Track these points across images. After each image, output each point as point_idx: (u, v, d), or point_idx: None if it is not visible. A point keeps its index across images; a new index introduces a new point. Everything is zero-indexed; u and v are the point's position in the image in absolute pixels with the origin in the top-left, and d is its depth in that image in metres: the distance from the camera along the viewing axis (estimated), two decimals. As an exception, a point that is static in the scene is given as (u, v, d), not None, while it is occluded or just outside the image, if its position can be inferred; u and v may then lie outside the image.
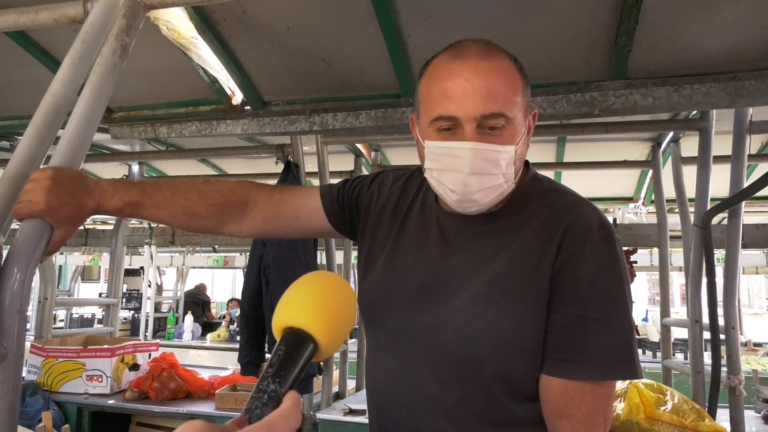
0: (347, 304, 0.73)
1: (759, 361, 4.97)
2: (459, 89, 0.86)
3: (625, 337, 0.88)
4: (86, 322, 7.97)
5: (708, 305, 2.31)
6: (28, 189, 0.94)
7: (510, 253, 0.92)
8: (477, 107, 0.85)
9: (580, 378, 0.87)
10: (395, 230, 1.05)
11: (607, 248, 0.90)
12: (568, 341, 0.88)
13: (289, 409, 0.54)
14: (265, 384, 0.58)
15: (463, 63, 0.87)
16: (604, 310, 0.88)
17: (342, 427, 2.57)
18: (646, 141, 3.08)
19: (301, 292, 0.70)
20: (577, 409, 0.87)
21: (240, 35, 1.72)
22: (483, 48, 0.89)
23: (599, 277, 0.89)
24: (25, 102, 2.25)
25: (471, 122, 0.86)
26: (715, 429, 2.08)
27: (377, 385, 1.05)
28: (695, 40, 1.58)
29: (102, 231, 4.74)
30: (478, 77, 0.86)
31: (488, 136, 0.87)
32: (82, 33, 1.19)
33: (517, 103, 0.89)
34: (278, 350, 0.63)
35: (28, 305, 0.95)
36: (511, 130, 0.88)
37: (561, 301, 0.89)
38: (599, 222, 0.92)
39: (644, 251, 5.60)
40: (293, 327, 0.66)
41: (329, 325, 0.67)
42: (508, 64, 0.90)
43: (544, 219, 0.93)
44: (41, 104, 1.11)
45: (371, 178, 1.16)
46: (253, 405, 0.56)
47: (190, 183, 1.11)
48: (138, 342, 3.16)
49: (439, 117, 0.88)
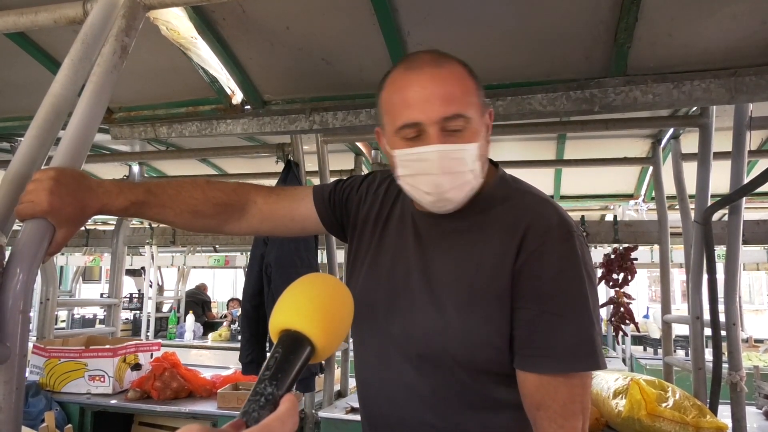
0: (344, 306, 0.74)
1: (760, 357, 4.98)
2: (418, 96, 0.92)
3: (587, 331, 0.92)
4: (88, 322, 7.99)
5: (709, 302, 2.31)
6: (30, 190, 0.94)
7: (475, 252, 0.98)
8: (437, 111, 0.91)
9: (548, 372, 0.91)
10: (378, 232, 1.11)
11: (567, 245, 0.94)
12: (534, 337, 0.92)
13: (286, 413, 0.54)
14: (262, 387, 0.58)
15: (419, 73, 0.93)
16: (565, 306, 0.92)
17: (343, 425, 2.58)
18: (646, 138, 3.07)
19: (297, 295, 0.71)
20: (552, 400, 0.91)
21: (239, 35, 1.72)
22: (434, 57, 0.96)
23: (559, 273, 0.93)
24: (25, 103, 2.25)
25: (434, 125, 0.91)
26: (716, 425, 2.08)
27: (363, 381, 1.11)
28: (695, 36, 1.58)
29: (103, 231, 4.75)
30: (433, 84, 0.92)
31: (451, 136, 0.92)
32: (82, 34, 1.19)
33: (472, 104, 0.94)
34: (275, 353, 0.63)
35: (31, 306, 0.95)
36: (471, 129, 0.93)
37: (524, 298, 0.94)
38: (559, 220, 0.96)
39: (645, 248, 5.61)
40: (290, 329, 0.66)
41: (326, 328, 0.67)
42: (459, 69, 0.96)
43: (507, 219, 0.98)
44: (42, 105, 1.11)
45: (361, 180, 1.21)
46: (250, 408, 0.56)
47: (193, 182, 1.14)
48: (140, 342, 3.16)
49: (404, 125, 0.93)
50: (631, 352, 5.95)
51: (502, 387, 0.97)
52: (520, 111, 1.78)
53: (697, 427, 2.06)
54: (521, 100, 1.78)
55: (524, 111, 1.78)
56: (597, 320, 0.94)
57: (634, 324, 3.08)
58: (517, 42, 1.68)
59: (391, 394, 1.03)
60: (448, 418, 0.98)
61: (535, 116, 1.81)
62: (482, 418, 0.98)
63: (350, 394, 3.04)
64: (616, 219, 3.68)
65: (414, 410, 1.00)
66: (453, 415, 0.98)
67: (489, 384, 0.97)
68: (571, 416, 0.91)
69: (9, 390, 0.90)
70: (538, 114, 1.79)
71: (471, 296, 0.95)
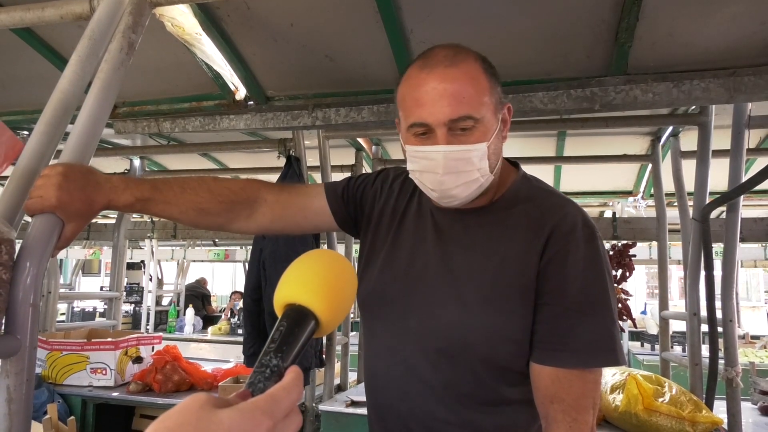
0: (348, 281, 0.74)
1: (756, 354, 5.01)
2: (428, 97, 0.93)
3: (608, 328, 0.94)
4: (88, 315, 8.01)
5: (706, 298, 2.33)
6: (39, 185, 0.96)
7: (499, 248, 0.99)
8: (445, 113, 0.92)
9: (567, 366, 0.93)
10: (394, 227, 1.11)
11: (591, 245, 0.96)
12: (556, 332, 0.94)
13: (291, 383, 0.55)
14: (268, 359, 0.59)
15: (430, 72, 0.94)
16: (588, 304, 0.94)
17: (344, 419, 2.60)
18: (646, 135, 3.09)
19: (302, 270, 0.71)
20: (566, 394, 0.93)
21: (243, 31, 1.73)
22: (450, 54, 0.95)
23: (583, 272, 0.95)
24: (30, 97, 2.26)
25: (441, 127, 0.93)
26: (712, 420, 2.11)
27: (373, 372, 1.11)
28: (695, 36, 1.59)
29: (104, 225, 4.75)
30: (444, 84, 0.92)
31: (459, 136, 0.94)
32: (89, 30, 1.20)
33: (484, 104, 0.94)
34: (280, 326, 0.64)
35: (40, 299, 0.97)
36: (481, 129, 0.94)
37: (548, 294, 0.95)
38: (583, 221, 0.98)
39: (643, 245, 5.62)
40: (294, 304, 0.66)
41: (330, 302, 0.67)
42: (474, 68, 0.95)
43: (532, 217, 0.99)
44: (50, 101, 1.12)
45: (374, 176, 1.22)
46: (256, 379, 0.57)
47: (200, 180, 1.14)
48: (141, 335, 3.18)
49: (414, 124, 0.95)
50: (629, 348, 5.98)
51: (515, 384, 0.99)
52: (521, 109, 1.79)
53: (693, 422, 2.09)
54: (522, 98, 1.80)
55: (525, 109, 1.80)
56: (616, 318, 0.97)
57: (631, 320, 3.10)
58: (518, 40, 1.69)
59: (402, 387, 1.03)
60: (459, 413, 0.99)
61: (536, 114, 1.83)
62: (493, 413, 0.99)
63: (350, 388, 3.07)
64: (615, 216, 3.71)
65: (425, 404, 1.01)
66: (465, 410, 0.99)
67: (503, 380, 0.99)
68: (584, 410, 0.93)
69: (20, 381, 0.92)
70: (539, 112, 1.80)
71: (494, 291, 0.97)
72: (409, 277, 1.05)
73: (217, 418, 0.48)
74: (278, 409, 0.52)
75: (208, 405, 0.50)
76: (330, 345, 2.86)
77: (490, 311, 0.96)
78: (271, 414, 0.51)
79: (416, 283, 1.04)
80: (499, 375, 0.98)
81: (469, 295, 0.98)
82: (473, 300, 0.97)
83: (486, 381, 0.98)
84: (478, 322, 0.97)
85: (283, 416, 0.52)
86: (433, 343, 1.00)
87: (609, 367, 2.31)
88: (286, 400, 0.53)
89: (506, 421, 1.00)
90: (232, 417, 0.49)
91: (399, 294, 1.05)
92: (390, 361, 1.06)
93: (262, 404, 0.51)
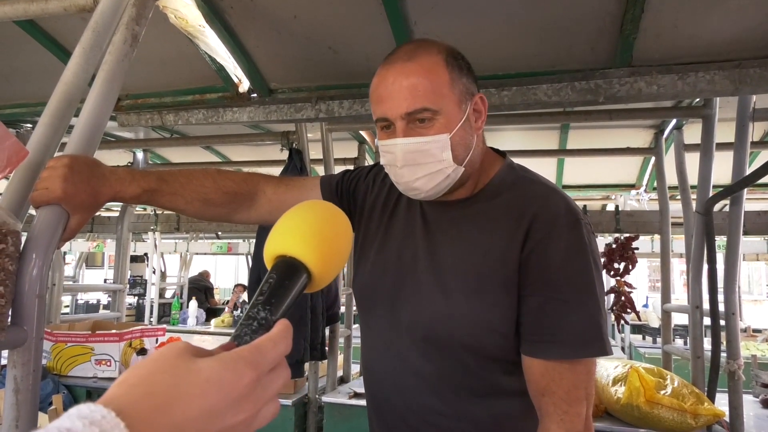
0: (342, 233, 0.70)
1: (758, 347, 5.01)
2: (386, 93, 0.96)
3: (594, 317, 0.93)
4: (91, 307, 8.05)
5: (708, 291, 2.33)
6: (45, 177, 0.96)
7: (483, 239, 0.99)
8: (401, 106, 0.94)
9: (555, 357, 0.93)
10: (385, 220, 1.13)
11: (574, 233, 0.95)
12: (542, 323, 0.94)
13: (279, 334, 0.51)
14: (255, 311, 0.55)
15: (390, 68, 0.96)
16: (572, 293, 0.94)
17: (347, 410, 2.62)
18: (649, 128, 3.08)
19: (292, 220, 0.67)
20: (558, 386, 0.93)
21: (247, 23, 1.73)
22: (410, 49, 0.97)
23: (567, 261, 0.94)
24: (34, 90, 2.26)
25: (399, 120, 0.95)
26: (713, 412, 2.11)
27: (369, 367, 1.13)
28: (700, 28, 1.59)
29: (107, 218, 4.76)
30: (400, 78, 0.94)
31: (418, 129, 0.95)
32: (93, 22, 1.19)
33: (444, 95, 0.95)
34: (269, 278, 0.60)
35: (46, 290, 0.97)
36: (442, 120, 0.95)
37: (531, 285, 0.95)
38: (566, 208, 0.97)
39: (646, 238, 5.63)
40: (285, 255, 0.63)
41: (322, 253, 0.64)
42: (433, 61, 0.96)
43: (514, 207, 0.99)
44: (54, 93, 1.12)
45: (367, 169, 1.24)
46: (242, 332, 0.54)
47: (204, 171, 1.16)
48: (145, 327, 3.19)
49: (378, 119, 0.99)
50: (631, 341, 5.99)
51: (507, 374, 0.99)
52: (525, 101, 1.79)
53: (695, 414, 2.10)
54: (526, 90, 1.79)
55: (529, 101, 1.79)
56: (603, 307, 0.96)
57: (635, 313, 3.11)
58: (523, 32, 1.69)
59: (397, 380, 1.05)
60: (453, 404, 1.00)
61: (540, 106, 1.82)
62: (488, 404, 1.00)
63: (353, 380, 3.08)
64: (617, 209, 3.69)
65: (420, 396, 1.02)
66: (459, 401, 1.00)
67: (495, 370, 0.99)
68: (576, 402, 0.93)
69: (27, 372, 0.93)
70: (542, 104, 1.80)
71: (478, 282, 0.97)
72: (399, 269, 1.06)
73: (195, 366, 0.45)
74: (263, 361, 0.48)
75: (187, 353, 0.46)
76: (333, 337, 2.88)
77: (474, 303, 0.97)
78: (256, 365, 0.47)
79: (405, 276, 1.05)
80: (490, 365, 0.99)
81: (454, 287, 0.99)
82: (458, 292, 0.98)
83: (477, 371, 0.99)
84: (463, 314, 0.97)
85: (269, 369, 0.49)
86: (421, 335, 1.01)
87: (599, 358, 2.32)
88: (272, 351, 0.49)
89: (501, 412, 1.00)
90: (212, 366, 0.45)
91: (390, 287, 1.06)
92: (385, 355, 1.07)
93: (245, 354, 0.48)
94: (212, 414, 0.44)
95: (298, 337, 2.41)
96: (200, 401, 0.43)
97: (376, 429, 1.12)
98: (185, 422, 0.43)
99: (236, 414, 0.45)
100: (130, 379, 0.44)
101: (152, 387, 0.43)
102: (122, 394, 0.42)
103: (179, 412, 0.42)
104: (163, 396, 0.43)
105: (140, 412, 0.41)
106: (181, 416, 0.42)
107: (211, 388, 0.44)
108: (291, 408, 2.61)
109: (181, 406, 0.43)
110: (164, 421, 0.42)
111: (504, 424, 1.01)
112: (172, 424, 0.42)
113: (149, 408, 0.42)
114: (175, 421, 0.42)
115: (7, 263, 0.88)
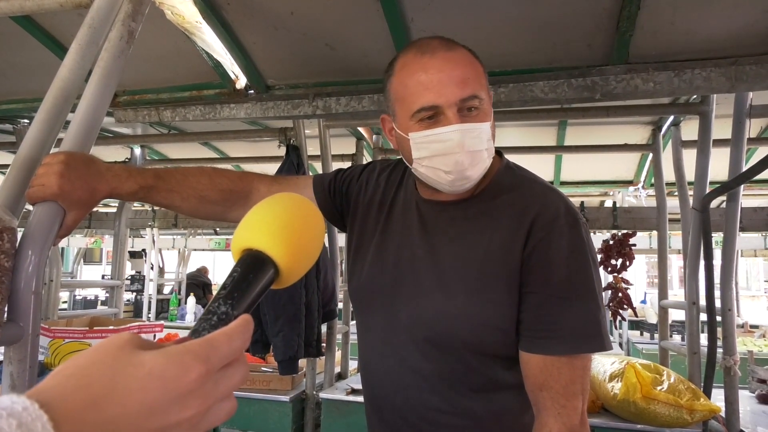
0: (312, 226, 0.68)
1: (755, 342, 5.03)
2: (435, 80, 0.94)
3: (593, 313, 0.95)
4: (89, 303, 8.06)
5: (705, 287, 2.34)
6: (41, 173, 0.96)
7: (483, 238, 1.00)
8: (455, 93, 0.93)
9: (554, 353, 0.94)
10: (382, 220, 1.12)
11: (573, 232, 0.97)
12: (542, 320, 0.95)
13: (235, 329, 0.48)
14: (216, 305, 0.54)
15: (432, 57, 0.95)
16: (572, 290, 0.95)
17: (344, 407, 2.62)
18: (647, 125, 3.08)
19: (261, 213, 0.65)
20: (555, 381, 0.94)
21: (244, 19, 1.72)
22: (444, 42, 0.98)
23: (567, 259, 0.96)
24: (31, 86, 2.25)
25: (452, 107, 0.94)
26: (709, 408, 2.12)
27: (368, 366, 1.13)
28: (697, 24, 1.59)
29: (105, 214, 4.76)
30: (449, 66, 0.94)
31: (468, 116, 0.95)
32: (89, 18, 1.19)
33: (483, 86, 0.98)
34: (233, 272, 0.58)
35: (42, 287, 0.98)
36: (484, 109, 0.97)
37: (533, 283, 0.96)
38: (566, 208, 0.99)
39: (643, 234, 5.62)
40: (251, 249, 0.61)
41: (291, 247, 0.62)
42: (469, 53, 0.99)
43: (516, 207, 1.00)
44: (50, 89, 1.12)
45: (361, 169, 1.23)
46: (200, 327, 0.52)
47: (200, 169, 1.16)
48: (143, 323, 3.19)
49: (421, 108, 0.95)
50: (628, 337, 6.02)
51: (505, 369, 1.00)
52: (521, 98, 1.79)
53: (691, 410, 2.10)
54: (523, 87, 1.79)
55: (526, 98, 1.79)
56: (602, 304, 0.98)
57: (632, 309, 3.12)
58: (519, 29, 1.69)
59: (396, 378, 1.05)
60: (452, 401, 1.01)
61: (537, 103, 1.82)
62: (486, 399, 1.01)
63: (351, 376, 3.09)
64: (615, 205, 3.71)
65: (419, 394, 1.02)
66: (458, 398, 1.01)
67: (494, 367, 1.00)
68: (573, 396, 0.94)
69: (23, 368, 0.93)
70: (539, 101, 1.80)
71: (479, 281, 0.98)
72: (397, 269, 1.06)
73: (137, 359, 0.42)
74: (215, 356, 0.45)
75: (130, 345, 0.43)
76: (330, 333, 2.88)
77: (475, 302, 0.97)
78: (206, 359, 0.44)
79: (404, 275, 1.05)
80: (490, 361, 1.00)
81: (454, 286, 0.99)
82: (458, 291, 0.99)
83: (477, 368, 1.00)
84: (464, 313, 0.98)
85: (222, 364, 0.46)
86: (422, 334, 1.01)
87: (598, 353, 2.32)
88: (225, 346, 0.46)
89: (500, 407, 1.01)
90: (156, 359, 0.42)
91: (388, 286, 1.07)
92: (383, 353, 1.08)
93: (194, 348, 0.44)
94: (152, 410, 0.41)
95: (292, 334, 2.42)
96: (139, 396, 0.41)
97: (375, 427, 1.13)
98: (121, 418, 0.40)
99: (181, 411, 0.42)
100: (66, 369, 0.41)
101: (87, 379, 0.40)
102: (54, 385, 0.40)
103: (115, 406, 0.40)
104: (98, 389, 0.40)
105: (70, 405, 0.38)
106: (117, 411, 0.40)
107: (152, 383, 0.41)
108: (288, 404, 2.62)
109: (117, 401, 0.40)
110: (96, 416, 0.39)
111: (503, 418, 1.02)
112: (105, 419, 0.39)
113: (81, 401, 0.39)
114: (109, 416, 0.39)
115: (3, 260, 0.88)
